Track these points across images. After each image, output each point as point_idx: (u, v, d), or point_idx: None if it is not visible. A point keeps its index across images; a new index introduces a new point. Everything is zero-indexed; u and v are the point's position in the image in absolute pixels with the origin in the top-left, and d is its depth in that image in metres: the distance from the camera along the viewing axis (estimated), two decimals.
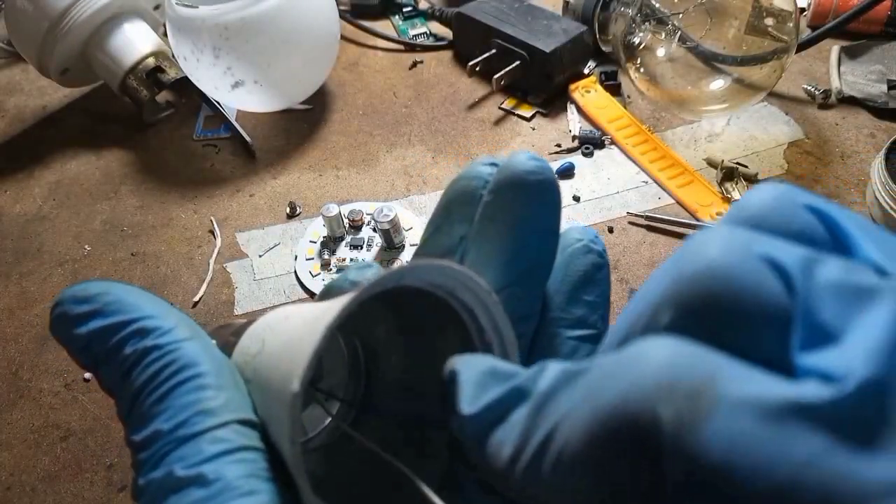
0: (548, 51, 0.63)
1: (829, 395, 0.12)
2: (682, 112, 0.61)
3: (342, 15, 0.72)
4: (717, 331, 0.13)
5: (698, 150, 0.60)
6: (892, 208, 0.51)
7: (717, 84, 0.59)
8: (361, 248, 0.54)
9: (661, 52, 0.60)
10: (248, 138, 0.64)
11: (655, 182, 0.58)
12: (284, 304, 0.52)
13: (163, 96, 0.69)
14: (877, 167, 0.53)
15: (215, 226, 0.58)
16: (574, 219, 0.56)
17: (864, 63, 0.66)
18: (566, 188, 0.58)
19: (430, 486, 0.17)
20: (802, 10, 0.69)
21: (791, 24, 0.57)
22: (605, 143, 0.61)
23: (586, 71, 0.68)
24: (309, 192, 0.60)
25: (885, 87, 0.62)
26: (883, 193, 0.51)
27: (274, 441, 0.18)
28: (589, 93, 0.65)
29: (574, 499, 0.14)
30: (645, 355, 0.13)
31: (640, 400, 0.13)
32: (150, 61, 0.65)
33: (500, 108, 0.66)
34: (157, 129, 0.68)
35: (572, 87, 0.65)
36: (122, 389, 0.19)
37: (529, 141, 0.63)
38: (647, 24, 0.60)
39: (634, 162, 0.59)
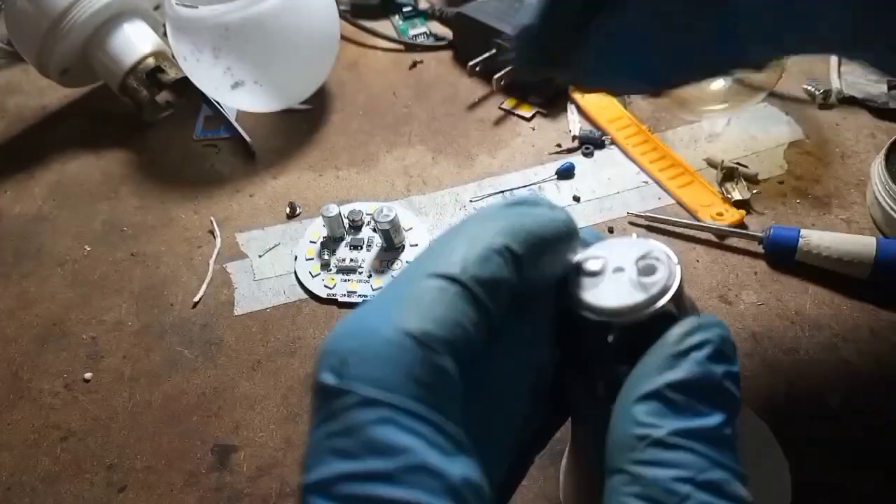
0: None
1: None
2: (683, 112, 0.61)
3: (342, 15, 0.72)
4: None
5: (698, 151, 0.60)
6: (892, 208, 0.51)
7: (718, 84, 0.59)
8: (361, 248, 0.54)
9: None
10: (247, 138, 0.64)
11: (656, 182, 0.58)
12: (284, 304, 0.52)
13: (163, 96, 0.69)
14: (877, 167, 0.53)
15: (215, 226, 0.58)
16: (575, 219, 0.56)
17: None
18: (566, 188, 0.58)
19: None
20: None
21: None
22: (606, 143, 0.61)
23: None
24: (309, 193, 0.60)
25: (885, 88, 0.62)
26: (883, 193, 0.51)
27: None
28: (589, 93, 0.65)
29: None
30: None
31: None
32: (150, 61, 0.65)
33: (500, 108, 0.66)
34: (157, 130, 0.68)
35: (572, 87, 0.65)
36: None
37: (530, 141, 0.62)
38: None
39: (635, 162, 0.59)
